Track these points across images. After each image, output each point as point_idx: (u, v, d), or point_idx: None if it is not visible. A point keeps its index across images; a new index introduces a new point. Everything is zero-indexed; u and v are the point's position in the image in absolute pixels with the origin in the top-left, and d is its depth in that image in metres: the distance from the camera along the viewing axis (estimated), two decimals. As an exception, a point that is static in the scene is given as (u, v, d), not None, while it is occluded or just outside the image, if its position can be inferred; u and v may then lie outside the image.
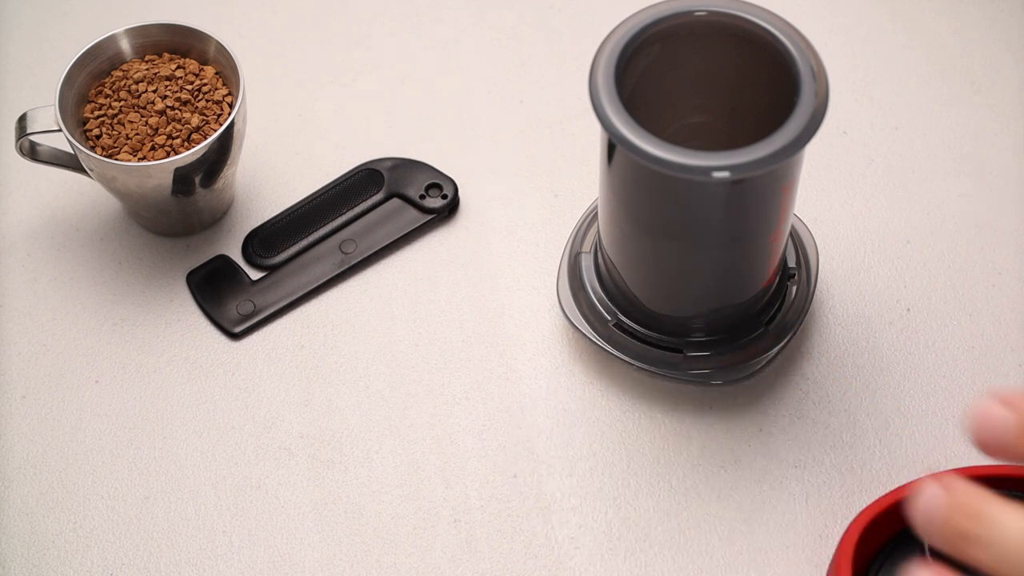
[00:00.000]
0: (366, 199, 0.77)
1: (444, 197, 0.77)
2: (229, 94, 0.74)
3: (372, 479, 0.69)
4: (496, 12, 0.86)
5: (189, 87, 0.74)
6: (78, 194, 0.78)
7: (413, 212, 0.77)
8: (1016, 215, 0.76)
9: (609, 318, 0.70)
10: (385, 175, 0.78)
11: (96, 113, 0.74)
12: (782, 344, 0.70)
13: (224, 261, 0.76)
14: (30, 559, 0.67)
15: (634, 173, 0.62)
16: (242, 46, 0.76)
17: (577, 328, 0.70)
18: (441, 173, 0.78)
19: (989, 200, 0.77)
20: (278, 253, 0.75)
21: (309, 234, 0.76)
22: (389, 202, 0.77)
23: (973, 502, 0.47)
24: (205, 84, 0.74)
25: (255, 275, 0.75)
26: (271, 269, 0.75)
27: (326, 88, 0.82)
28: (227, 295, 0.74)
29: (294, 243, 0.76)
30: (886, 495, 0.63)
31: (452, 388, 0.72)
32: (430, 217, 0.76)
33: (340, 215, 0.77)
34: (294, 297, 0.74)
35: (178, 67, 0.75)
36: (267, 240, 0.76)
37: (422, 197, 0.77)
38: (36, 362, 0.73)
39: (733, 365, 0.69)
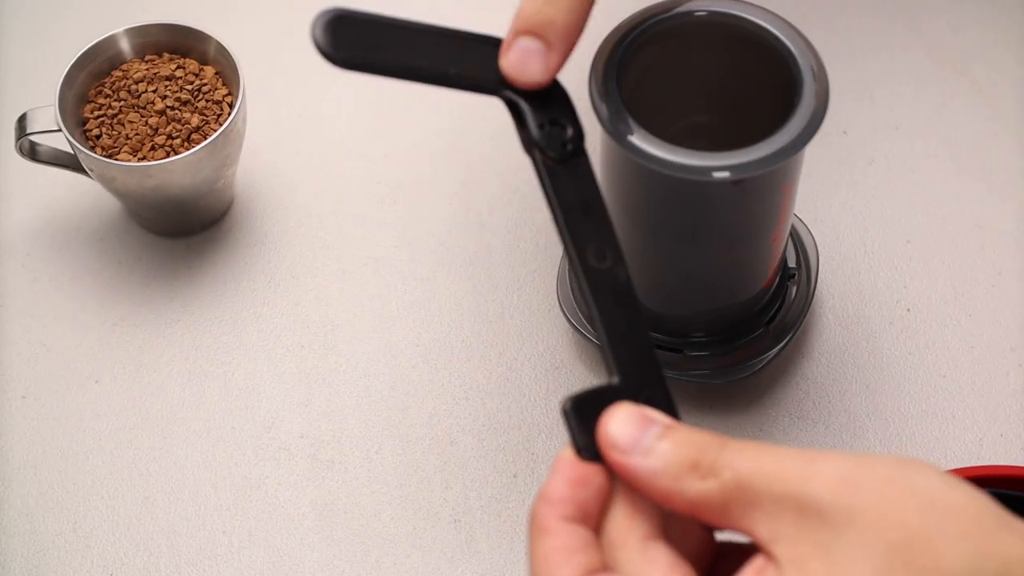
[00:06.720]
0: None
1: None
2: (229, 94, 0.74)
3: (372, 479, 0.69)
4: (497, 12, 0.86)
5: (189, 87, 0.74)
6: (78, 194, 0.78)
7: None
8: (1016, 215, 0.76)
9: (609, 318, 0.70)
10: None
11: (96, 113, 0.74)
12: (782, 344, 0.70)
13: None
14: (30, 559, 0.67)
15: (634, 173, 0.62)
16: (242, 46, 0.76)
17: (577, 328, 0.70)
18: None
19: (989, 200, 0.77)
20: None
21: None
22: None
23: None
24: (205, 84, 0.74)
25: None
26: None
27: (326, 88, 0.82)
28: None
29: None
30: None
31: (452, 388, 0.72)
32: None
33: None
34: None
35: (178, 67, 0.75)
36: None
37: None
38: (36, 362, 0.73)
39: (733, 365, 0.69)
